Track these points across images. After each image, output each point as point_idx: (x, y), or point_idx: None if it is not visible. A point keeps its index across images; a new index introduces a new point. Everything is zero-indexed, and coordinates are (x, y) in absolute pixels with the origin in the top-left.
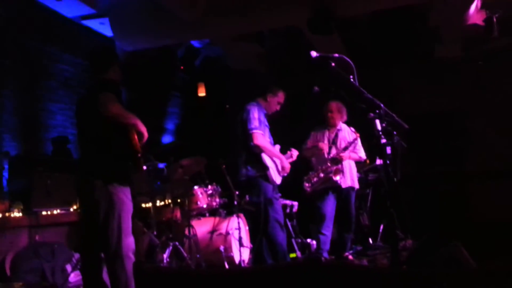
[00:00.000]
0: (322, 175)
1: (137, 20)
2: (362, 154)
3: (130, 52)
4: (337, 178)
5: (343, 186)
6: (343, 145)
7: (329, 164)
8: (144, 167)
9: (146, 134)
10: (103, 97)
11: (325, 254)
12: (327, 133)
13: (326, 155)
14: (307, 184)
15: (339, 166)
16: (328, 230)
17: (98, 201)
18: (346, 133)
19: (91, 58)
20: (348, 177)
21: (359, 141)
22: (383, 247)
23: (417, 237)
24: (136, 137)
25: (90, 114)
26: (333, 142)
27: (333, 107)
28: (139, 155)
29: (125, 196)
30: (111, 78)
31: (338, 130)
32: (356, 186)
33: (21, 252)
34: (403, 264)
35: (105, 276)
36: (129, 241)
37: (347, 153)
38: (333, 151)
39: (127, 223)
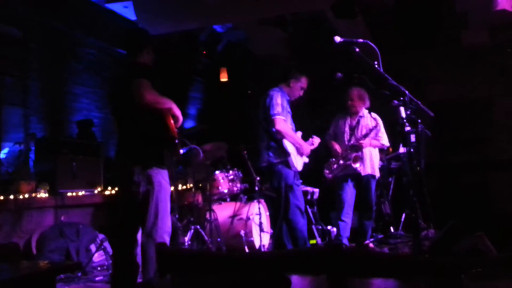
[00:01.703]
0: (341, 162)
1: (160, 4)
2: (384, 141)
3: (153, 36)
4: (357, 165)
5: (363, 173)
6: (364, 132)
7: (349, 151)
8: (181, 151)
9: (181, 118)
10: (137, 84)
11: (345, 241)
12: (348, 120)
13: (346, 142)
14: (327, 171)
15: (359, 153)
16: (348, 217)
17: (138, 184)
18: (368, 120)
19: (124, 40)
20: (368, 164)
21: (381, 128)
22: (404, 236)
23: (439, 227)
24: (172, 122)
25: (124, 100)
26: (354, 129)
27: (354, 94)
28: (176, 140)
29: (163, 178)
30: (144, 62)
31: (360, 117)
32: (377, 174)
33: (47, 231)
34: (425, 253)
35: (138, 259)
36: (165, 224)
37: (368, 141)
38: (354, 138)
39: (165, 206)
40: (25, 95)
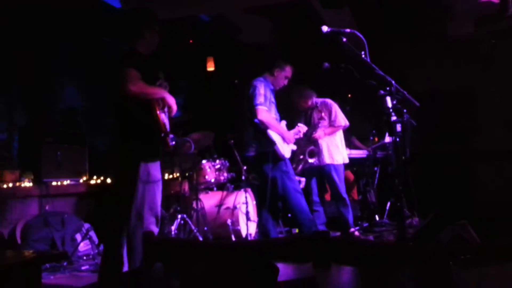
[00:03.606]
0: (301, 156)
1: None
2: (341, 122)
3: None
4: (311, 160)
5: (322, 164)
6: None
7: (306, 146)
8: (172, 143)
9: (174, 107)
10: (122, 75)
11: (322, 227)
12: (303, 117)
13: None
14: (294, 165)
15: (313, 148)
16: (317, 206)
17: (125, 176)
18: (323, 108)
19: (119, 24)
20: (326, 155)
21: (335, 111)
22: (389, 224)
23: (423, 215)
24: (158, 114)
25: (113, 90)
26: (308, 123)
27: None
28: (162, 134)
29: (150, 172)
30: (140, 48)
31: (311, 109)
32: (338, 161)
33: (32, 221)
34: (409, 241)
35: (125, 254)
36: (152, 215)
37: (321, 132)
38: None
39: (152, 198)
40: (9, 83)
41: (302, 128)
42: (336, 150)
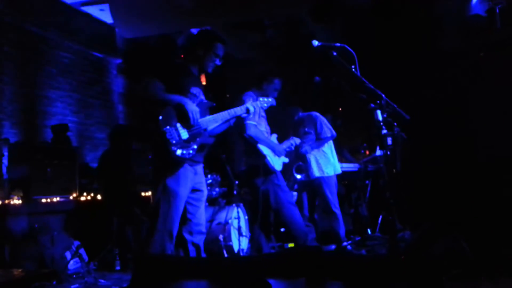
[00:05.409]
0: (290, 173)
1: (137, 7)
2: (326, 134)
3: (130, 40)
4: (299, 176)
5: (312, 178)
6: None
7: (294, 161)
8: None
9: (193, 115)
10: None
11: (313, 243)
12: (291, 132)
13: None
14: (285, 181)
15: (301, 163)
16: (308, 221)
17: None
18: (309, 122)
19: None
20: (315, 168)
21: (320, 123)
22: (381, 238)
23: (415, 228)
24: (161, 124)
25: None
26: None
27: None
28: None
29: (168, 184)
30: (183, 64)
31: (297, 124)
32: (327, 174)
33: (21, 239)
34: (401, 255)
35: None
36: (165, 230)
37: (307, 147)
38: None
39: (165, 212)
40: None
41: (294, 140)
42: (326, 162)
